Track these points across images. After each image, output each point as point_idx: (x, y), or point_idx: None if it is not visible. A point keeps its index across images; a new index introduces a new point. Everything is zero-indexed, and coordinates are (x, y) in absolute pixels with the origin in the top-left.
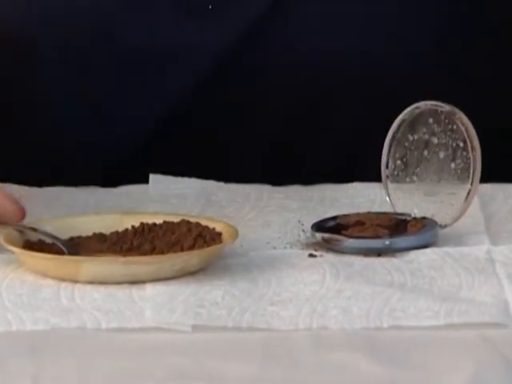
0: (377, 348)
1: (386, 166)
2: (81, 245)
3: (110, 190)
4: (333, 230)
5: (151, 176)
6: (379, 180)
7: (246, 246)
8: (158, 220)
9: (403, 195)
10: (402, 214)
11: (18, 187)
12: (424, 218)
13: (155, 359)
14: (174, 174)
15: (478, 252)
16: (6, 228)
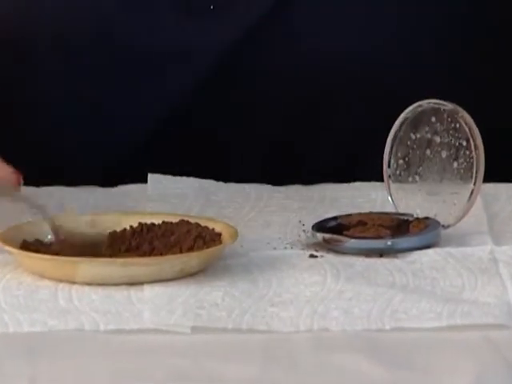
0: (378, 350)
1: (388, 165)
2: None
3: (109, 190)
4: (334, 231)
5: (150, 176)
6: (379, 180)
7: (246, 247)
8: (157, 220)
9: (405, 195)
10: (404, 214)
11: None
12: (426, 218)
13: (154, 361)
14: (174, 174)
15: (481, 252)
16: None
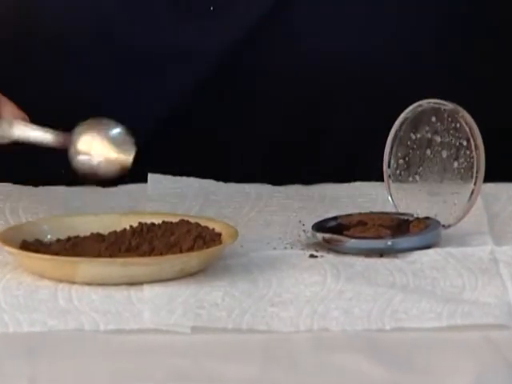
0: (378, 350)
1: (388, 165)
2: (79, 245)
3: (109, 190)
4: (334, 230)
5: (150, 175)
6: (379, 180)
7: (245, 247)
8: (157, 220)
9: (405, 195)
10: (404, 214)
11: (18, 187)
12: (427, 218)
13: (154, 361)
14: (174, 174)
15: (481, 252)
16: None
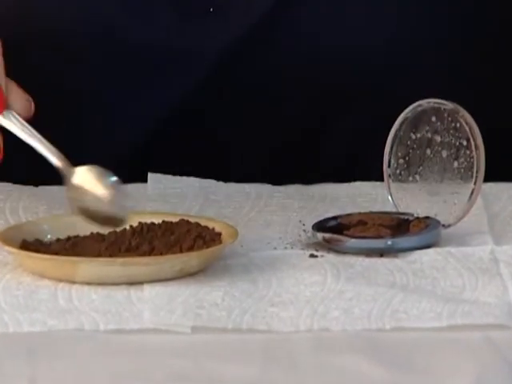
0: (379, 350)
1: (388, 164)
2: (78, 244)
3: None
4: (334, 230)
5: (150, 175)
6: (379, 180)
7: (245, 247)
8: (157, 220)
9: (405, 194)
10: (404, 214)
11: (18, 187)
12: (427, 218)
13: (154, 361)
14: (174, 173)
15: (481, 252)
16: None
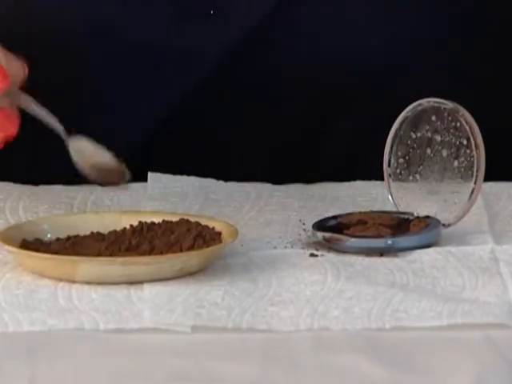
0: (379, 349)
1: (389, 164)
2: (78, 244)
3: (109, 189)
4: (334, 229)
5: (150, 174)
6: (379, 180)
7: (246, 246)
8: (157, 219)
9: (406, 194)
10: (404, 213)
11: (18, 186)
12: (427, 217)
13: (154, 360)
14: (174, 173)
15: (481, 251)
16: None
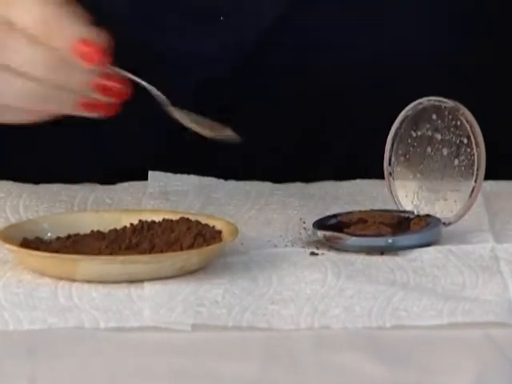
0: (379, 348)
1: (389, 162)
2: (79, 242)
3: (109, 187)
4: (335, 228)
5: (150, 173)
6: (380, 178)
7: (246, 245)
8: (157, 218)
9: (406, 193)
10: (404, 212)
11: (19, 185)
12: (427, 216)
13: (154, 359)
14: (175, 172)
15: (482, 250)
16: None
